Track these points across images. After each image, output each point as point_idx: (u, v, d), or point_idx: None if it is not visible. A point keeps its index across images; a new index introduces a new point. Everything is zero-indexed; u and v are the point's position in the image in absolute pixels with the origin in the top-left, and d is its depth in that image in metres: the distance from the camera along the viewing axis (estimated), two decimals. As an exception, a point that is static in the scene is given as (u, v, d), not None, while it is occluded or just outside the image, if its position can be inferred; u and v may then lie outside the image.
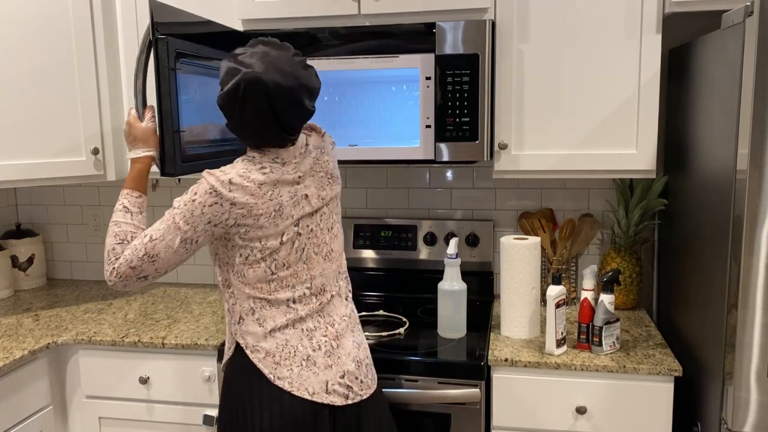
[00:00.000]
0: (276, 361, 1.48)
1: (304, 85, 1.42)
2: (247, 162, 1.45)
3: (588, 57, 1.89)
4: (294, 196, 1.47)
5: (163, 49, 1.55)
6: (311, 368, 1.48)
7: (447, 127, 1.90)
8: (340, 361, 1.51)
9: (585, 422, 1.76)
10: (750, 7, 1.38)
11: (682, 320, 1.91)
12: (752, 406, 1.48)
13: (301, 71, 1.42)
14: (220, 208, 1.41)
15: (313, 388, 1.47)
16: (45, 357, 1.96)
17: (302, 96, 1.42)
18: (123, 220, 1.49)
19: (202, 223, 1.41)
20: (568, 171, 1.96)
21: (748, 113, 1.40)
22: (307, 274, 1.51)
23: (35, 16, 2.02)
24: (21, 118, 2.03)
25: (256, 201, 1.42)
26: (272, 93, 1.38)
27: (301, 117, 1.45)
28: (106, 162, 2.18)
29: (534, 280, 1.92)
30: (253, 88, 1.38)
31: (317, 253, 1.53)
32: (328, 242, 1.56)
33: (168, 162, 1.59)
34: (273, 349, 1.48)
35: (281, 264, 1.48)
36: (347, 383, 1.51)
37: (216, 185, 1.40)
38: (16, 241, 2.55)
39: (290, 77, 1.40)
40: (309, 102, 1.45)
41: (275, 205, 1.44)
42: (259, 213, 1.43)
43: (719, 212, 1.57)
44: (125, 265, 1.43)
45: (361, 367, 1.55)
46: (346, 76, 1.94)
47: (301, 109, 1.44)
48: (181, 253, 1.44)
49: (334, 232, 1.58)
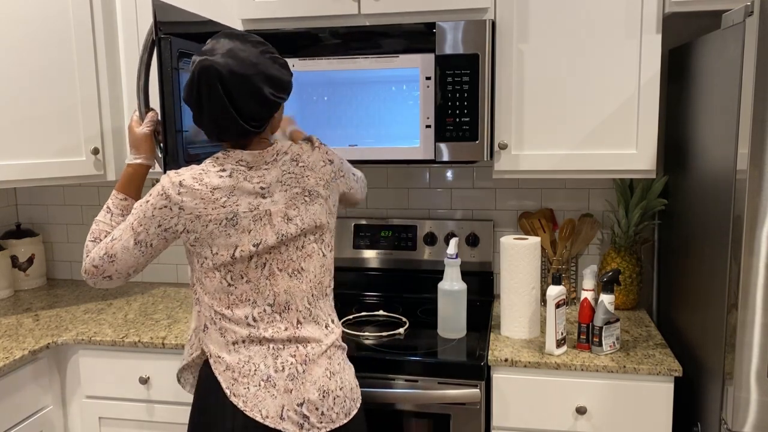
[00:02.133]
0: (234, 377, 1.42)
1: (262, 72, 1.36)
2: (209, 162, 1.41)
3: (588, 57, 1.89)
4: (254, 209, 1.40)
5: (166, 48, 1.55)
6: (269, 390, 1.41)
7: (447, 127, 1.90)
8: (303, 388, 1.43)
9: (585, 422, 1.76)
10: (750, 7, 1.38)
11: (682, 320, 1.91)
12: (752, 406, 1.48)
13: (261, 59, 1.37)
14: (168, 212, 1.38)
15: (267, 411, 1.40)
16: (45, 357, 1.96)
17: (260, 83, 1.36)
18: (102, 220, 1.49)
19: (153, 226, 1.39)
20: (568, 171, 1.96)
21: (748, 113, 1.40)
22: (270, 290, 1.44)
23: (35, 16, 2.02)
24: (21, 118, 2.03)
25: (206, 206, 1.37)
26: (226, 79, 1.34)
27: (261, 104, 1.38)
28: (106, 162, 2.18)
29: (534, 280, 1.92)
30: (207, 73, 1.34)
31: (281, 270, 1.44)
32: (296, 260, 1.46)
33: (170, 162, 1.59)
34: (234, 363, 1.43)
35: (238, 275, 1.42)
36: (304, 412, 1.42)
37: (167, 187, 1.37)
38: (16, 241, 2.55)
39: (246, 63, 1.35)
40: (270, 90, 1.38)
41: (228, 213, 1.38)
42: (209, 220, 1.38)
43: (719, 212, 1.57)
44: (90, 263, 1.43)
45: (326, 398, 1.44)
46: (346, 76, 1.94)
47: (260, 97, 1.37)
48: (137, 255, 1.41)
49: (307, 252, 1.47)
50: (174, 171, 1.40)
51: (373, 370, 1.78)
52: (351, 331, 1.98)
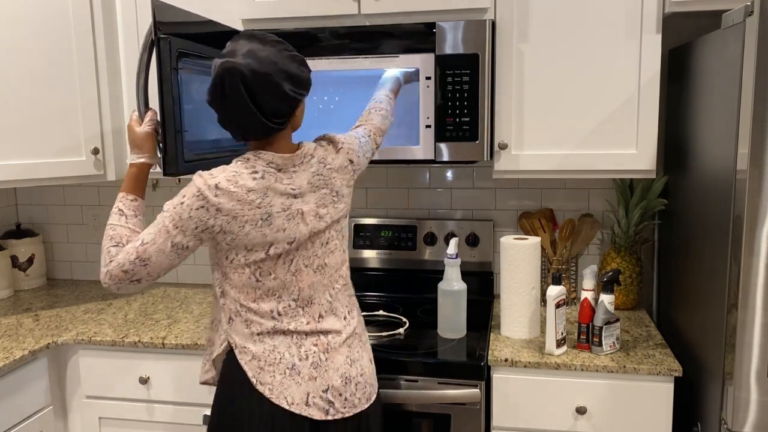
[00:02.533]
0: (260, 366, 1.46)
1: (282, 70, 1.39)
2: (240, 164, 1.43)
3: (588, 57, 1.89)
4: (287, 209, 1.44)
5: (165, 48, 1.55)
6: (294, 378, 1.46)
7: (447, 127, 1.90)
8: (327, 375, 1.48)
9: (585, 422, 1.76)
10: (750, 7, 1.38)
11: (682, 320, 1.91)
12: (752, 406, 1.48)
13: (280, 57, 1.40)
14: (206, 213, 1.39)
15: (292, 398, 1.44)
16: (45, 357, 1.96)
17: (280, 80, 1.39)
18: (118, 223, 1.48)
19: (190, 228, 1.40)
20: (568, 171, 1.96)
21: (748, 113, 1.40)
22: (295, 286, 1.49)
23: (35, 16, 2.02)
24: (21, 118, 2.03)
25: (242, 207, 1.40)
26: (248, 79, 1.37)
27: (281, 101, 1.41)
28: (106, 162, 2.18)
29: (534, 280, 1.92)
30: (230, 74, 1.37)
31: (307, 266, 1.50)
32: (321, 256, 1.52)
33: (170, 162, 1.59)
34: (259, 353, 1.47)
35: (266, 272, 1.46)
36: (329, 398, 1.47)
37: (203, 189, 1.39)
38: (16, 241, 2.55)
39: (266, 62, 1.38)
40: (290, 87, 1.41)
41: (263, 213, 1.41)
42: (245, 221, 1.40)
43: (719, 212, 1.57)
44: (117, 269, 1.41)
45: (348, 384, 1.51)
46: (346, 76, 1.94)
47: (281, 94, 1.40)
48: (172, 257, 1.42)
49: (330, 248, 1.54)
50: (207, 172, 1.41)
51: (373, 370, 1.78)
52: (351, 331, 1.98)
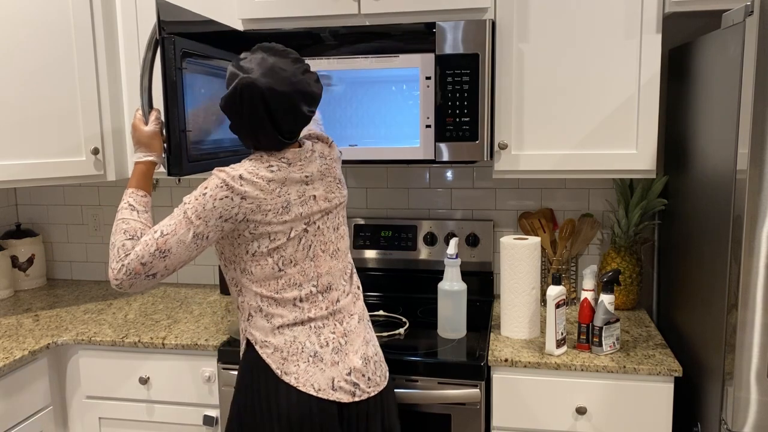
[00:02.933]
0: (283, 357, 1.49)
1: (299, 90, 1.44)
2: (255, 160, 1.48)
3: (588, 57, 1.89)
4: (302, 195, 1.50)
5: (169, 48, 1.55)
6: (318, 365, 1.49)
7: (447, 127, 1.90)
8: (348, 358, 1.52)
9: (585, 422, 1.76)
10: (750, 6, 1.38)
11: (682, 320, 1.91)
12: (752, 406, 1.48)
13: (298, 76, 1.44)
14: (230, 202, 1.42)
15: (318, 385, 1.48)
16: (45, 357, 1.96)
17: (298, 101, 1.44)
18: (131, 218, 1.49)
19: (213, 218, 1.42)
20: (568, 171, 1.96)
21: (748, 113, 1.40)
22: (314, 272, 1.53)
23: (35, 16, 2.02)
24: (21, 117, 2.03)
25: (266, 196, 1.44)
26: (267, 97, 1.41)
27: (298, 122, 1.47)
28: (106, 162, 2.18)
29: (534, 280, 1.91)
30: (249, 92, 1.41)
31: (324, 251, 1.55)
32: (335, 241, 1.58)
33: (174, 162, 1.59)
34: (281, 344, 1.49)
35: (288, 260, 1.49)
36: (354, 380, 1.51)
37: (227, 179, 1.42)
38: (16, 241, 2.55)
39: (285, 82, 1.42)
40: (306, 107, 1.47)
41: (283, 201, 1.46)
42: (268, 209, 1.45)
43: (719, 212, 1.57)
44: (136, 261, 1.41)
45: (368, 363, 1.56)
46: (346, 76, 1.94)
47: (298, 115, 1.46)
48: (192, 248, 1.43)
49: (341, 233, 1.61)
50: (227, 167, 1.45)
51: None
52: (351, 331, 1.98)
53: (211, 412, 1.93)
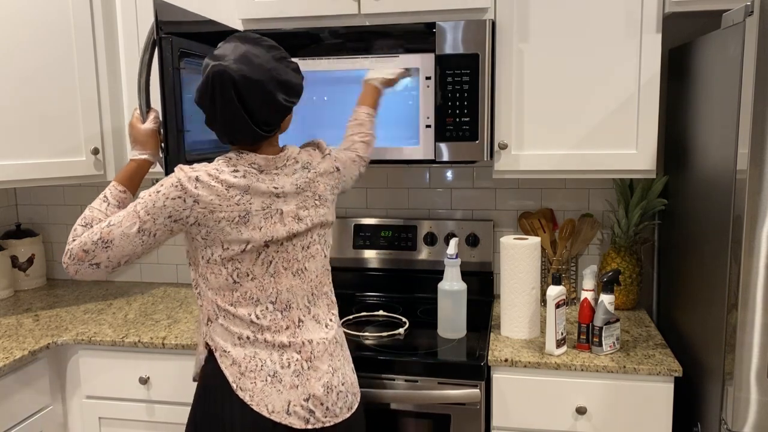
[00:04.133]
0: (241, 371, 1.43)
1: (274, 78, 1.37)
2: (222, 161, 1.42)
3: (588, 57, 1.89)
4: (267, 208, 1.42)
5: (167, 48, 1.55)
6: (275, 385, 1.43)
7: (447, 127, 1.90)
8: (309, 384, 1.45)
9: (585, 422, 1.76)
10: (750, 6, 1.38)
11: (682, 320, 1.91)
12: (752, 406, 1.48)
13: (272, 63, 1.38)
14: (182, 204, 1.37)
15: (273, 406, 1.42)
16: (45, 357, 1.96)
17: (273, 89, 1.37)
18: (97, 207, 1.46)
19: (162, 216, 1.37)
20: (568, 171, 1.96)
21: (748, 113, 1.40)
22: (273, 288, 1.45)
23: (35, 16, 2.02)
24: (21, 118, 2.03)
25: (221, 203, 1.38)
26: (240, 84, 1.35)
27: (273, 112, 1.40)
28: (106, 162, 2.18)
29: (534, 280, 1.91)
30: (221, 79, 1.35)
31: (286, 269, 1.46)
32: (301, 260, 1.48)
33: (172, 162, 1.59)
34: (240, 358, 1.44)
35: (244, 273, 1.43)
36: (310, 407, 1.44)
37: (182, 180, 1.37)
38: (16, 241, 2.55)
39: (259, 69, 1.36)
40: (282, 96, 1.39)
41: (241, 211, 1.39)
42: (221, 216, 1.38)
43: (719, 212, 1.57)
44: (78, 247, 1.37)
45: (330, 393, 1.48)
46: (346, 76, 1.94)
47: (273, 104, 1.38)
48: (136, 243, 1.38)
49: (311, 252, 1.50)
50: (188, 166, 1.40)
51: (373, 370, 1.78)
52: (351, 331, 1.98)
53: (211, 412, 1.93)
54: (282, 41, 1.93)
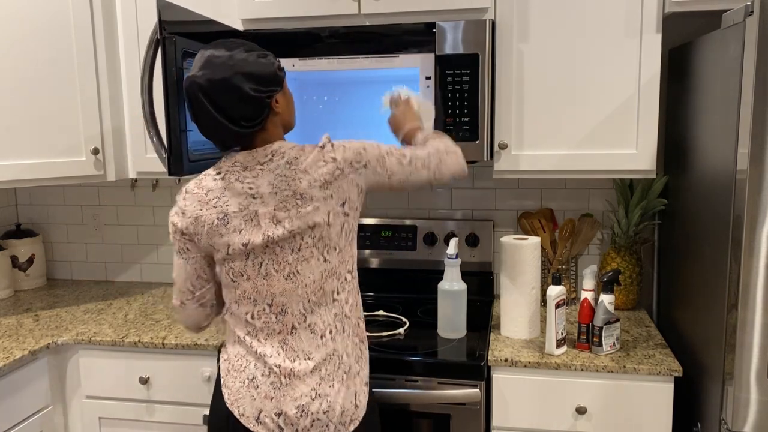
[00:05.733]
0: (228, 368, 1.47)
1: (239, 71, 1.36)
2: (212, 167, 1.48)
3: (588, 57, 1.89)
4: (245, 209, 1.41)
5: (170, 48, 1.55)
6: (251, 390, 1.43)
7: (447, 127, 1.90)
8: (284, 400, 1.42)
9: (585, 422, 1.76)
10: (750, 6, 1.38)
11: (682, 320, 1.91)
12: (752, 406, 1.48)
13: (236, 59, 1.37)
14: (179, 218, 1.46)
15: (244, 410, 1.43)
16: (45, 357, 1.96)
17: (239, 82, 1.36)
18: None
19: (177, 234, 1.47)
20: (568, 171, 1.96)
21: (748, 113, 1.40)
22: (268, 291, 1.43)
23: (35, 16, 2.02)
24: (21, 118, 2.03)
25: (201, 208, 1.42)
26: (206, 89, 1.36)
27: (246, 103, 1.37)
28: (106, 162, 2.18)
29: (534, 280, 1.91)
30: (191, 90, 1.38)
31: (278, 271, 1.42)
32: (292, 263, 1.42)
33: (175, 162, 1.59)
34: (232, 355, 1.47)
35: (239, 273, 1.43)
36: (280, 424, 1.42)
37: (178, 196, 1.48)
38: (16, 241, 2.55)
39: (221, 68, 1.36)
40: (251, 86, 1.37)
41: (219, 213, 1.41)
42: (204, 221, 1.42)
43: (719, 212, 1.57)
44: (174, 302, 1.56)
45: (303, 418, 1.41)
46: (346, 76, 1.94)
47: (244, 96, 1.36)
48: (181, 266, 1.50)
49: (304, 255, 1.42)
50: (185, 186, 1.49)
51: (373, 370, 1.78)
52: (351, 331, 1.98)
53: (211, 412, 1.93)
54: (282, 41, 1.94)
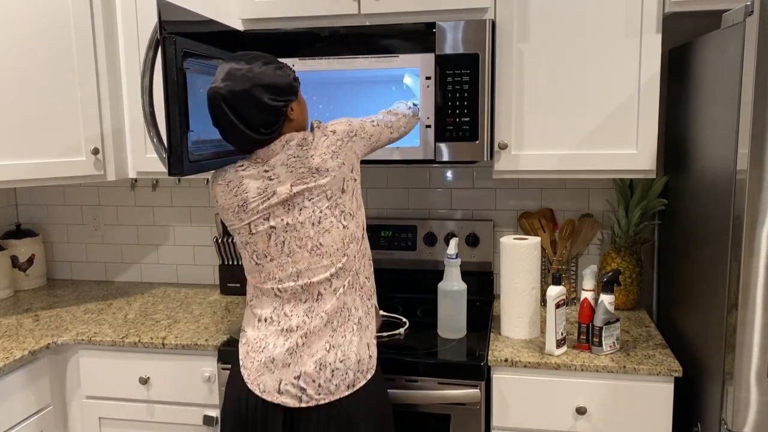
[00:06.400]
0: (247, 351, 1.55)
1: (258, 83, 1.46)
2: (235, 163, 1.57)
3: (588, 57, 1.89)
4: (263, 192, 1.51)
5: (170, 48, 1.55)
6: (268, 366, 1.51)
7: (447, 127, 1.90)
8: (301, 361, 1.50)
9: (585, 422, 1.76)
10: (750, 6, 1.38)
11: (682, 320, 1.91)
12: (752, 406, 1.48)
13: (255, 71, 1.47)
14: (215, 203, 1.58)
15: (265, 386, 1.50)
16: (45, 357, 1.96)
17: (258, 94, 1.46)
18: None
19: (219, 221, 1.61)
20: (568, 171, 1.96)
21: (748, 113, 1.40)
22: (293, 268, 1.52)
23: (35, 16, 2.02)
24: (21, 118, 2.03)
25: (225, 197, 1.53)
26: (228, 99, 1.46)
27: (265, 113, 1.48)
28: (106, 162, 2.18)
29: (534, 280, 1.91)
30: (214, 100, 1.48)
31: (301, 247, 1.51)
32: (314, 237, 1.51)
33: (175, 162, 1.59)
34: (252, 339, 1.55)
35: (262, 255, 1.53)
36: (301, 385, 1.49)
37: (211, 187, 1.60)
38: (16, 241, 2.55)
39: (242, 80, 1.46)
40: (270, 96, 1.48)
41: (239, 200, 1.51)
42: (226, 208, 1.54)
43: (719, 212, 1.57)
44: None
45: (323, 370, 1.50)
46: (346, 76, 1.94)
47: (263, 106, 1.47)
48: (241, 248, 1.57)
49: (324, 226, 1.51)
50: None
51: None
52: (351, 331, 1.98)
53: (211, 412, 1.93)
54: (282, 41, 1.94)
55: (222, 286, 2.46)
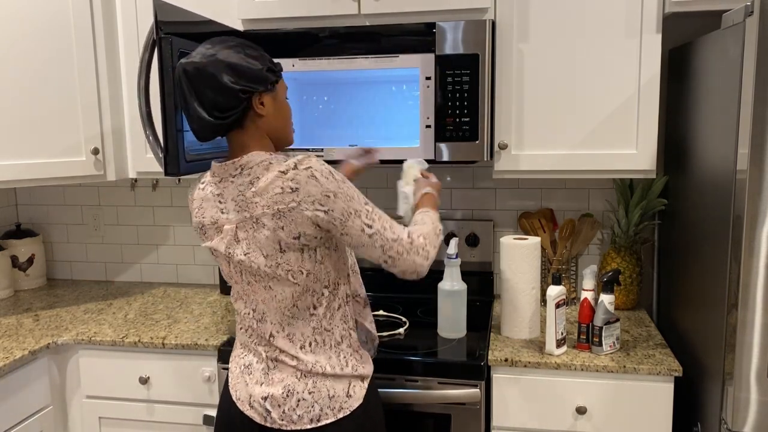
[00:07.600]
0: (233, 356, 1.56)
1: (222, 61, 1.34)
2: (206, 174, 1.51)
3: (588, 57, 1.89)
4: (215, 222, 1.43)
5: (167, 48, 1.55)
6: (245, 376, 1.49)
7: (447, 127, 1.90)
8: (271, 383, 1.45)
9: (585, 422, 1.76)
10: (750, 7, 1.38)
11: (682, 320, 1.91)
12: (752, 406, 1.48)
13: (224, 51, 1.35)
14: None
15: (239, 394, 1.49)
16: (45, 357, 1.96)
17: (216, 71, 1.33)
18: None
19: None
20: (568, 171, 1.96)
21: (748, 113, 1.40)
22: (252, 297, 1.46)
23: (35, 15, 2.02)
24: (21, 118, 2.03)
25: (192, 211, 1.51)
26: (189, 75, 1.35)
27: (219, 92, 1.34)
28: (106, 162, 2.18)
29: (534, 280, 1.91)
30: (177, 75, 1.38)
31: (257, 281, 1.42)
32: (265, 278, 1.41)
33: (171, 162, 1.59)
34: (237, 344, 1.56)
35: (228, 276, 1.49)
36: (267, 407, 1.44)
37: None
38: (16, 241, 2.55)
39: (206, 56, 1.35)
40: (229, 78, 1.33)
41: (198, 222, 1.48)
42: (193, 224, 1.51)
43: (719, 212, 1.57)
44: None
45: (290, 398, 1.42)
46: (346, 76, 1.94)
47: (215, 85, 1.33)
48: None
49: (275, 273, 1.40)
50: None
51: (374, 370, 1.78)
52: (351, 331, 1.98)
53: (211, 412, 1.93)
54: (282, 41, 1.94)
55: (222, 286, 2.46)
